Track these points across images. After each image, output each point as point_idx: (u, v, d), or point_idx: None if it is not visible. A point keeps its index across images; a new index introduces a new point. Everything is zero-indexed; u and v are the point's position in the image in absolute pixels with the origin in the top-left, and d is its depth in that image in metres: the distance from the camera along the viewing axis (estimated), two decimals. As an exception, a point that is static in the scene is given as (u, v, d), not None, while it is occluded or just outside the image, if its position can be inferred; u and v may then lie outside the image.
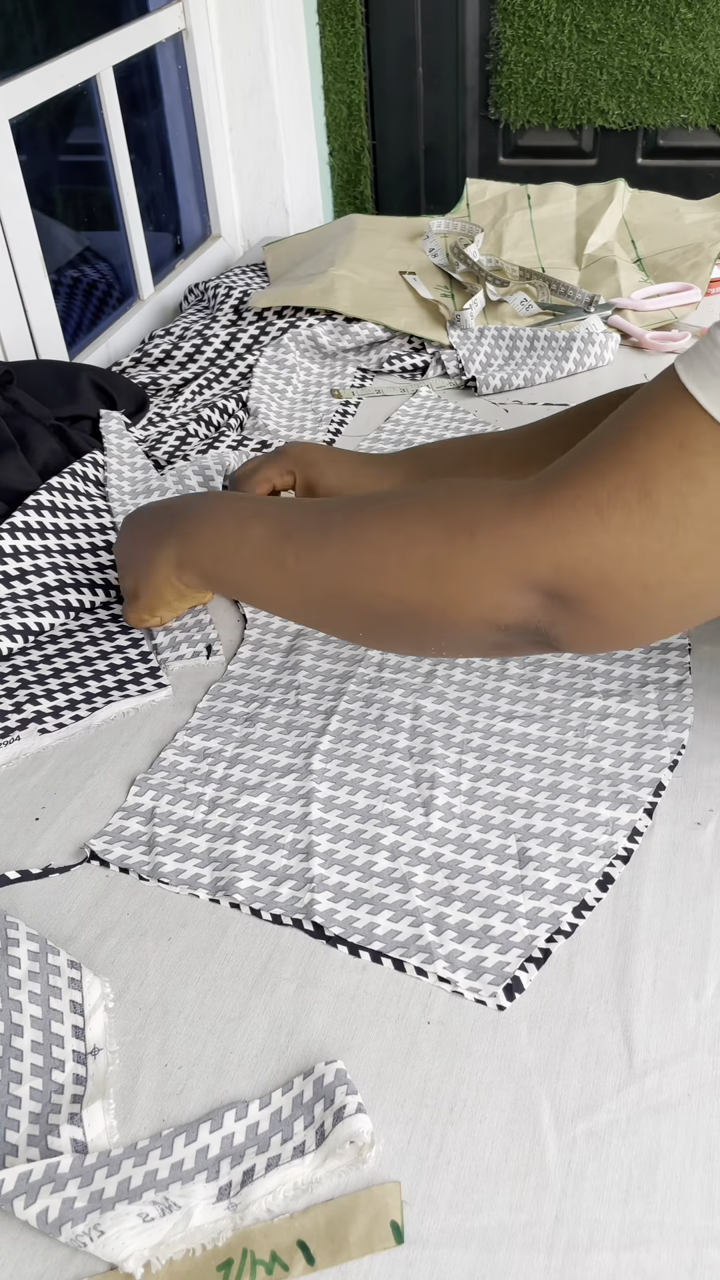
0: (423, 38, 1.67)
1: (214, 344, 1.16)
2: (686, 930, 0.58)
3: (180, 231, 1.51)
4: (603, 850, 0.62)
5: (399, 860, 0.62)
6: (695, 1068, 0.52)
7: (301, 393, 1.11)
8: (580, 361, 1.11)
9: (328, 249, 1.29)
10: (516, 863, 0.61)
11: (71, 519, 0.87)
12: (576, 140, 1.72)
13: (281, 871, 0.62)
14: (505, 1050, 0.53)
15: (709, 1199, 0.47)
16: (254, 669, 0.77)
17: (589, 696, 0.72)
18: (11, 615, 0.79)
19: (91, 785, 0.69)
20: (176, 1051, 0.54)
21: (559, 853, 0.62)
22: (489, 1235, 0.46)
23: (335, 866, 0.62)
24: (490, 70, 1.67)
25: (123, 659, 0.78)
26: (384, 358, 1.14)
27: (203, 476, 0.95)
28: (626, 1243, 0.46)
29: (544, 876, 0.60)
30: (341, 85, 1.68)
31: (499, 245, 1.32)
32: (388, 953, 0.57)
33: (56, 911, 0.61)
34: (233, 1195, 0.47)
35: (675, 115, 1.63)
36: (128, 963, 0.58)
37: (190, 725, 0.72)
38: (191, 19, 1.37)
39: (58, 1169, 0.48)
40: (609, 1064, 0.52)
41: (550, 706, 0.71)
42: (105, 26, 1.22)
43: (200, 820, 0.65)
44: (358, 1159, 0.49)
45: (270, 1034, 0.54)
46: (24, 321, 1.10)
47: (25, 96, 1.09)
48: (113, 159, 1.27)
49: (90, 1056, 0.54)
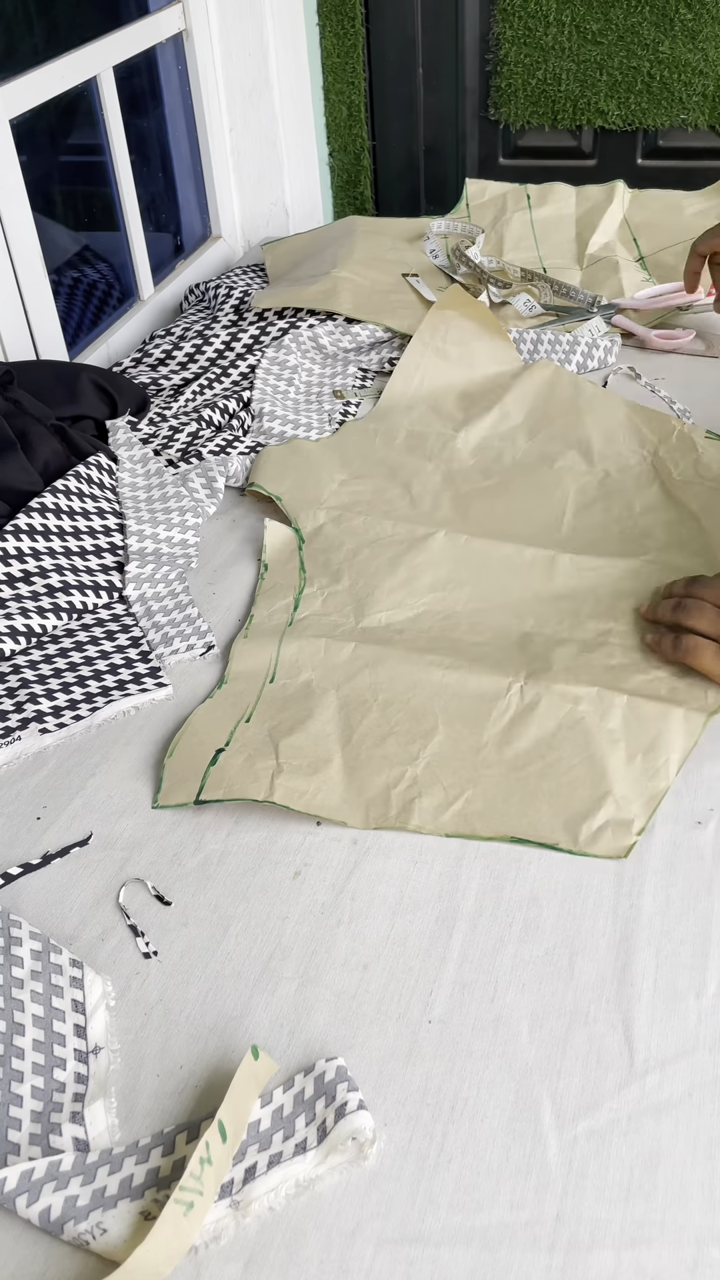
0: (422, 38, 1.67)
1: (214, 344, 1.16)
2: (687, 930, 0.58)
3: (180, 232, 1.51)
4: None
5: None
6: (696, 1067, 0.52)
7: (304, 393, 1.11)
8: (584, 365, 1.11)
9: (329, 250, 1.29)
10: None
11: (75, 521, 0.87)
12: (576, 141, 1.72)
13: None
14: (506, 1049, 0.53)
15: (710, 1198, 0.47)
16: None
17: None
18: (15, 616, 0.79)
19: (93, 785, 0.69)
20: (178, 1050, 0.54)
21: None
22: (490, 1234, 0.46)
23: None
24: (490, 71, 1.67)
25: (123, 659, 0.78)
26: (385, 358, 1.15)
27: (206, 478, 0.95)
28: (627, 1241, 0.46)
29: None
30: (341, 86, 1.68)
31: (499, 245, 1.32)
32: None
33: (59, 910, 0.61)
34: (234, 1192, 0.48)
35: (675, 116, 1.64)
36: (129, 961, 0.59)
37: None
38: (191, 20, 1.37)
39: (60, 1167, 0.48)
40: (610, 1063, 0.52)
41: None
42: (105, 27, 1.22)
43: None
44: (359, 1155, 0.49)
45: (271, 1033, 0.55)
46: (24, 321, 1.10)
47: (25, 97, 1.09)
48: (113, 159, 1.27)
49: (92, 1055, 0.54)
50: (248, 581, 0.87)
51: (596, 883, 0.61)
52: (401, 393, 1.08)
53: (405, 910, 0.60)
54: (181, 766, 0.69)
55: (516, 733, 0.69)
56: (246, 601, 0.84)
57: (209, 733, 0.71)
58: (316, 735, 0.70)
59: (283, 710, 0.73)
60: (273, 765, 0.68)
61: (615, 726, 0.69)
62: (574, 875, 0.61)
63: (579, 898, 0.60)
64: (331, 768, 0.68)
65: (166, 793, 0.68)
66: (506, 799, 0.66)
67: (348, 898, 0.61)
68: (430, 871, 0.62)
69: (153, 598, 0.84)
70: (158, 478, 0.95)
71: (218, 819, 0.66)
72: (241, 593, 0.85)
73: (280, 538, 0.89)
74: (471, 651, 0.76)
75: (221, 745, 0.70)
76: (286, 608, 0.82)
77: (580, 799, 0.65)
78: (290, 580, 0.85)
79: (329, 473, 0.97)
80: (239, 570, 0.88)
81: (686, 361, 1.13)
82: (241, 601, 0.84)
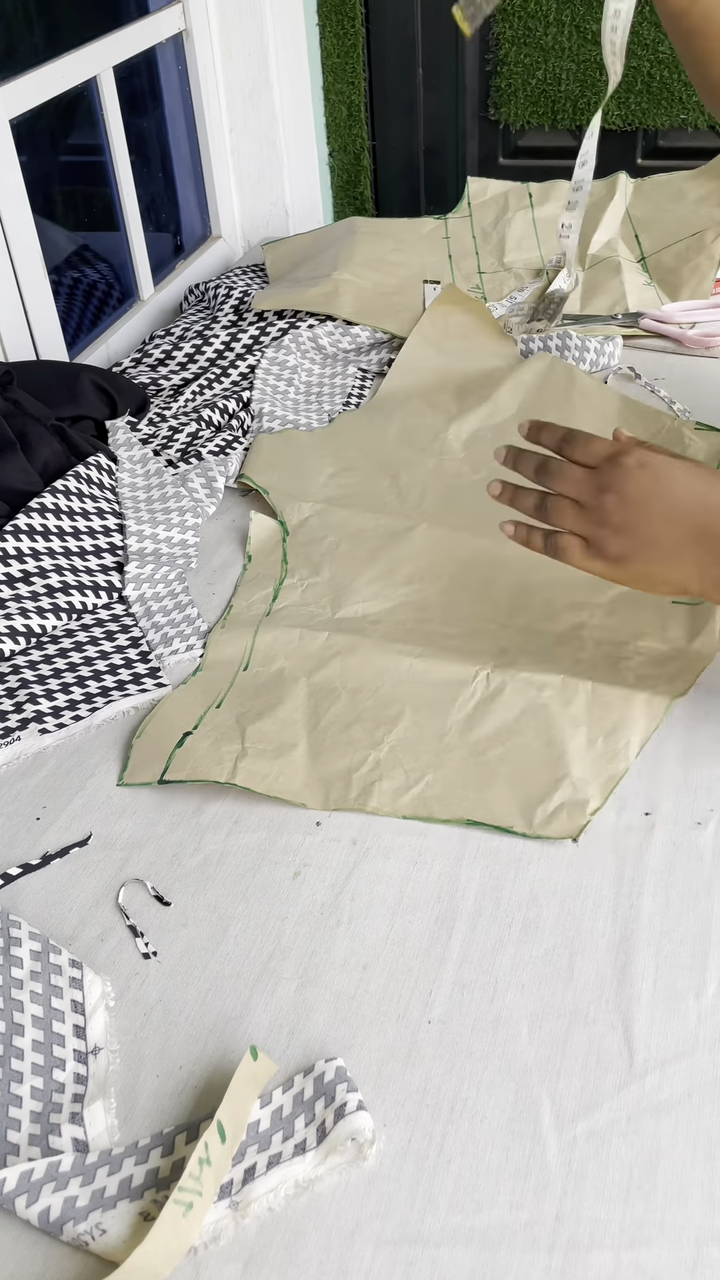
0: (422, 38, 1.67)
1: (214, 344, 1.16)
2: (687, 930, 0.58)
3: (180, 232, 1.51)
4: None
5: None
6: (696, 1067, 0.52)
7: (304, 393, 1.11)
8: (596, 362, 1.11)
9: (329, 251, 1.29)
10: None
11: (75, 521, 0.87)
12: (576, 141, 1.71)
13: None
14: (506, 1050, 0.53)
15: (709, 1198, 0.47)
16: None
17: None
18: (15, 616, 0.79)
19: (92, 785, 0.69)
20: (177, 1051, 0.54)
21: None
22: (490, 1234, 0.46)
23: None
24: (490, 71, 1.67)
25: (123, 659, 0.78)
26: (384, 359, 1.15)
27: (205, 478, 0.95)
28: (627, 1242, 0.46)
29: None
30: (341, 86, 1.68)
31: (501, 245, 1.32)
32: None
33: (58, 911, 0.61)
34: (234, 1193, 0.48)
35: (675, 116, 1.63)
36: (129, 962, 0.58)
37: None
38: (191, 20, 1.37)
39: (59, 1168, 0.48)
40: (609, 1063, 0.52)
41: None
42: (105, 27, 1.22)
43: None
44: (359, 1156, 0.49)
45: (271, 1033, 0.55)
46: (24, 321, 1.10)
47: (25, 97, 1.09)
48: (113, 160, 1.27)
49: (91, 1055, 0.54)
50: (247, 582, 0.87)
51: (596, 883, 0.61)
52: (399, 386, 1.09)
53: (405, 911, 0.60)
54: (148, 748, 0.70)
55: (480, 719, 0.70)
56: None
57: (179, 716, 0.72)
58: (284, 721, 0.71)
59: (254, 697, 0.73)
60: (238, 749, 0.69)
61: (578, 711, 0.70)
62: (574, 875, 0.61)
63: (579, 898, 0.60)
64: (296, 752, 0.69)
65: (132, 771, 0.69)
66: (465, 783, 0.66)
67: (347, 898, 0.61)
68: (430, 872, 0.62)
69: (152, 598, 0.84)
70: (157, 478, 0.95)
71: (217, 819, 0.66)
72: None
73: (265, 530, 0.90)
74: (443, 642, 0.77)
75: (190, 729, 0.71)
76: (265, 598, 0.83)
77: (538, 782, 0.66)
78: (272, 572, 0.86)
79: (319, 465, 0.98)
80: (238, 571, 0.88)
81: (687, 361, 1.13)
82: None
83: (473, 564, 0.85)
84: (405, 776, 0.67)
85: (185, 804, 0.68)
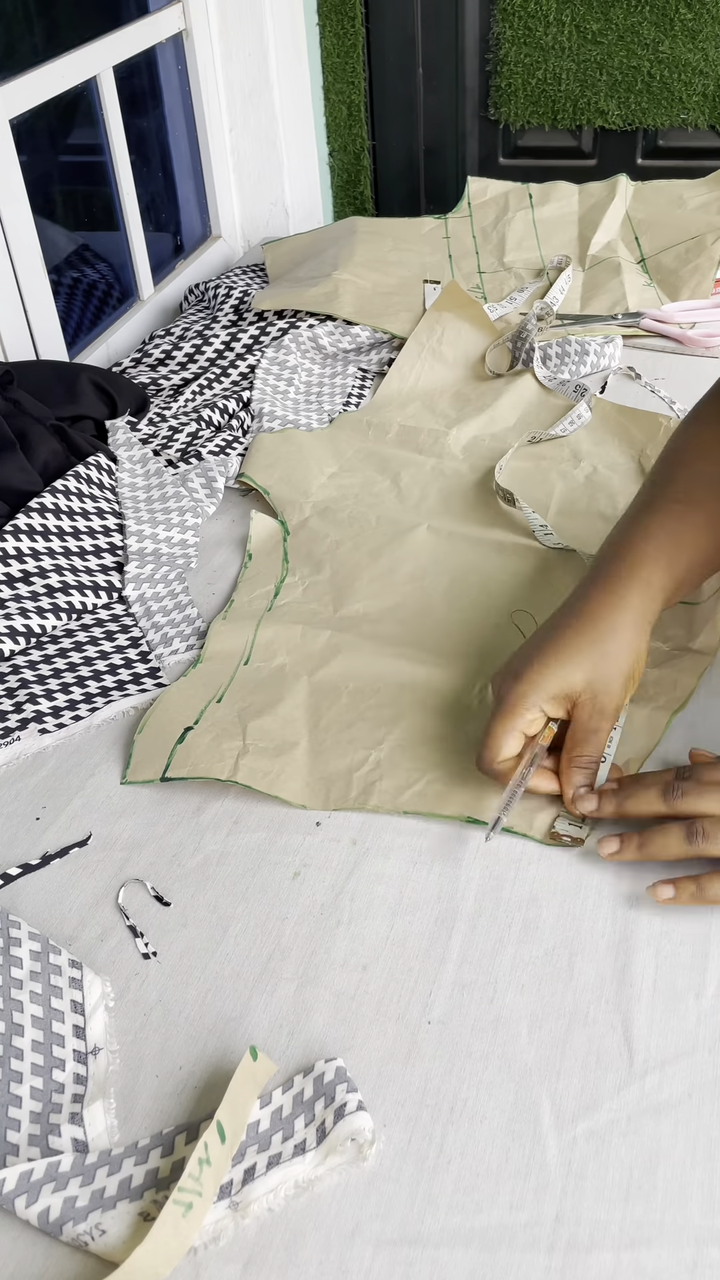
0: (423, 38, 1.67)
1: (214, 344, 1.16)
2: (687, 930, 0.58)
3: (180, 232, 1.51)
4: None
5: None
6: (696, 1067, 0.52)
7: (304, 393, 1.11)
8: (596, 364, 1.11)
9: (329, 251, 1.29)
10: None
11: (75, 521, 0.87)
12: (576, 141, 1.72)
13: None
14: (505, 1050, 0.53)
15: (709, 1198, 0.47)
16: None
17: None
18: (15, 616, 0.79)
19: (92, 785, 0.69)
20: (177, 1051, 0.54)
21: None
22: (489, 1235, 0.46)
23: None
24: (490, 71, 1.67)
25: (122, 659, 0.78)
26: (384, 359, 1.15)
27: (205, 478, 0.95)
28: (627, 1242, 0.46)
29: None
30: (341, 86, 1.68)
31: (501, 245, 1.32)
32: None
33: (58, 911, 0.61)
34: (234, 1194, 0.48)
35: (675, 116, 1.64)
36: (128, 962, 0.58)
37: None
38: (191, 19, 1.37)
39: (59, 1168, 0.48)
40: (609, 1064, 0.52)
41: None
42: (105, 27, 1.22)
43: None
44: (358, 1156, 0.49)
45: (270, 1033, 0.54)
46: (24, 321, 1.10)
47: (25, 97, 1.09)
48: (113, 159, 1.27)
49: (91, 1056, 0.54)
50: (247, 582, 0.87)
51: (596, 883, 0.61)
52: (397, 389, 1.09)
53: (405, 911, 0.60)
54: (150, 744, 0.70)
55: (481, 719, 0.70)
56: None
57: (180, 711, 0.72)
58: (285, 719, 0.71)
59: (254, 693, 0.73)
60: (239, 746, 0.69)
61: None
62: (574, 875, 0.61)
63: (578, 898, 0.60)
64: (297, 751, 0.69)
65: (134, 768, 0.69)
66: (465, 781, 0.66)
67: (347, 898, 0.61)
68: (430, 872, 0.62)
69: (152, 598, 0.84)
70: (157, 478, 0.95)
71: (217, 819, 0.66)
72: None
73: (266, 529, 0.91)
74: (443, 642, 0.77)
75: (190, 724, 0.71)
76: (267, 594, 0.83)
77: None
78: (273, 570, 0.86)
79: (319, 464, 0.98)
80: (238, 570, 0.88)
81: (687, 361, 1.13)
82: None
83: (473, 564, 0.85)
84: (406, 775, 0.67)
85: (185, 804, 0.68)
